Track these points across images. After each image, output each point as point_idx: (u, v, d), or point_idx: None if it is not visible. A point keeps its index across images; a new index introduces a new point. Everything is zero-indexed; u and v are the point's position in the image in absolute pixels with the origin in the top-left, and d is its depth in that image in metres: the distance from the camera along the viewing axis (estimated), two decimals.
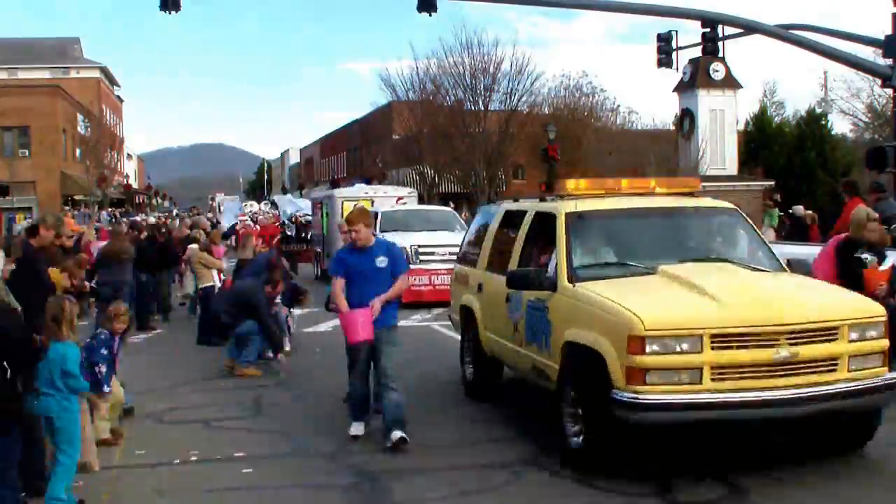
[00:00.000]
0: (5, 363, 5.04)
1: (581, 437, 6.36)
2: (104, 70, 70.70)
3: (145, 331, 14.36)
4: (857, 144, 41.02)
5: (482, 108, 43.61)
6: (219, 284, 13.87)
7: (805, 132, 38.81)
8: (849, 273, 7.78)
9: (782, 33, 20.79)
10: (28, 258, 6.83)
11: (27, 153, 47.80)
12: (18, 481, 5.66)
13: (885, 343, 6.14)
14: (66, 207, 40.40)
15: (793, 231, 17.69)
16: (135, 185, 76.07)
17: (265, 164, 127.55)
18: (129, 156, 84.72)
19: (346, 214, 10.34)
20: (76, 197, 48.45)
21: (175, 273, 17.77)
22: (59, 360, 5.81)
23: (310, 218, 26.68)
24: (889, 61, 19.30)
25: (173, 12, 19.17)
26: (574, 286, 6.77)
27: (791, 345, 5.84)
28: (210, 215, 39.44)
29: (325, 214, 22.92)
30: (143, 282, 14.75)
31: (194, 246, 15.18)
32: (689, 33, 45.52)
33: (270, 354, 11.09)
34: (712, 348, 5.79)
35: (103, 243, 15.29)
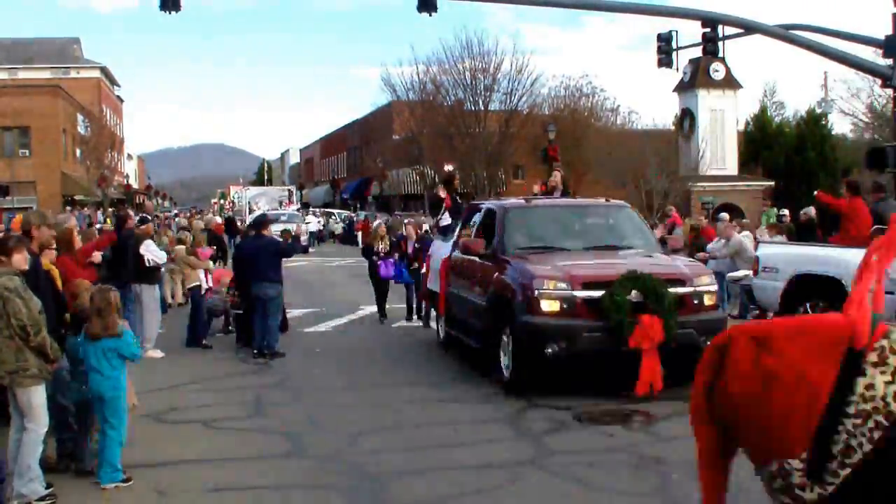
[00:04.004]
0: None
1: None
2: (104, 70, 70.62)
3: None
4: (857, 144, 41.06)
5: (482, 109, 43.64)
6: (206, 285, 13.61)
7: (805, 132, 38.85)
8: None
9: (782, 33, 20.77)
10: (34, 268, 6.68)
11: (27, 153, 47.78)
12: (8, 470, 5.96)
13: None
14: (68, 208, 40.33)
15: (802, 232, 17.45)
16: (135, 185, 75.96)
17: (265, 164, 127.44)
18: (129, 156, 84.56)
19: None
20: (76, 197, 48.41)
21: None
22: (115, 346, 6.45)
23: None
24: (889, 61, 19.28)
25: (173, 12, 19.17)
26: None
27: None
28: (212, 215, 39.21)
29: None
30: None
31: (181, 247, 15.05)
32: (689, 33, 45.47)
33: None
34: None
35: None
